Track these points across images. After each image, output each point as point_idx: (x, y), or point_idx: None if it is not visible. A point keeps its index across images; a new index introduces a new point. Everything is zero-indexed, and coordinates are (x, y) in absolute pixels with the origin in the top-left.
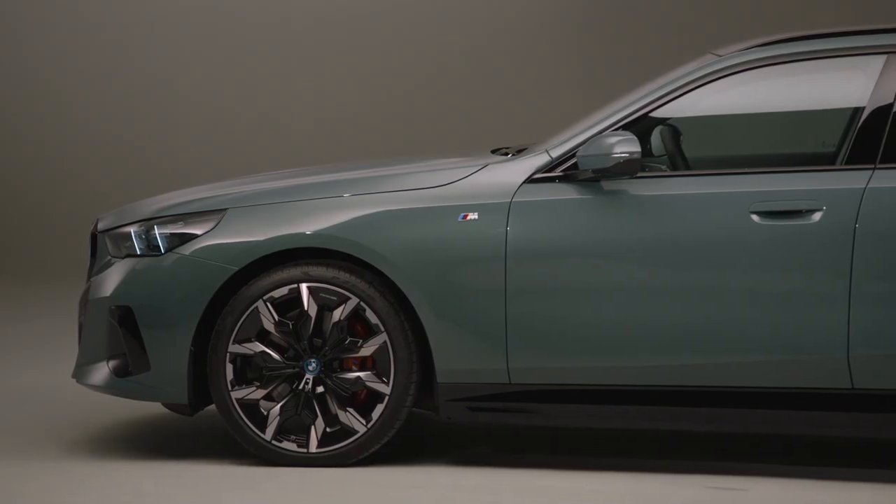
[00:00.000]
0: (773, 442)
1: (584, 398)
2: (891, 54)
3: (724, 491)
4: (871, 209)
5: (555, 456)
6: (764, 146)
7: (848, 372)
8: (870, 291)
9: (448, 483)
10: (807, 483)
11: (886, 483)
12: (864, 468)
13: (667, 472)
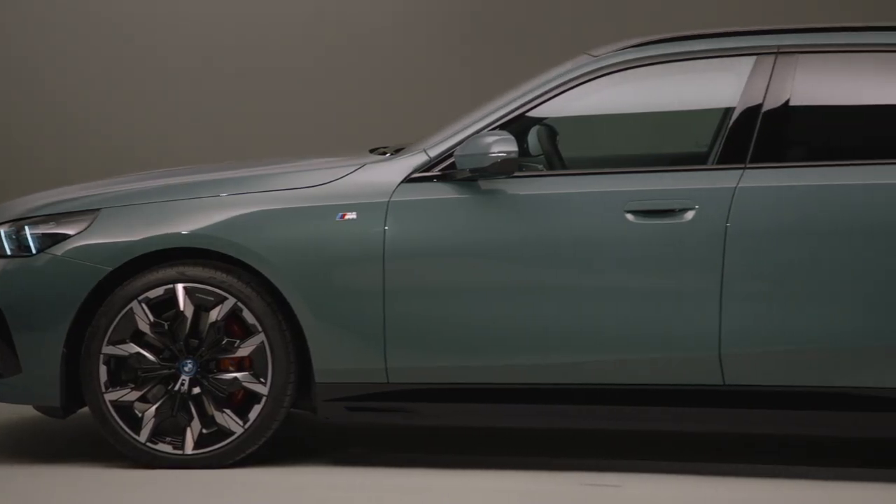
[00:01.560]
0: (647, 439)
1: (462, 397)
2: (760, 55)
3: (599, 487)
4: (741, 208)
5: (433, 455)
6: (639, 146)
7: (720, 369)
8: (741, 289)
9: (326, 483)
10: (678, 479)
11: (754, 477)
12: (735, 463)
13: (543, 469)
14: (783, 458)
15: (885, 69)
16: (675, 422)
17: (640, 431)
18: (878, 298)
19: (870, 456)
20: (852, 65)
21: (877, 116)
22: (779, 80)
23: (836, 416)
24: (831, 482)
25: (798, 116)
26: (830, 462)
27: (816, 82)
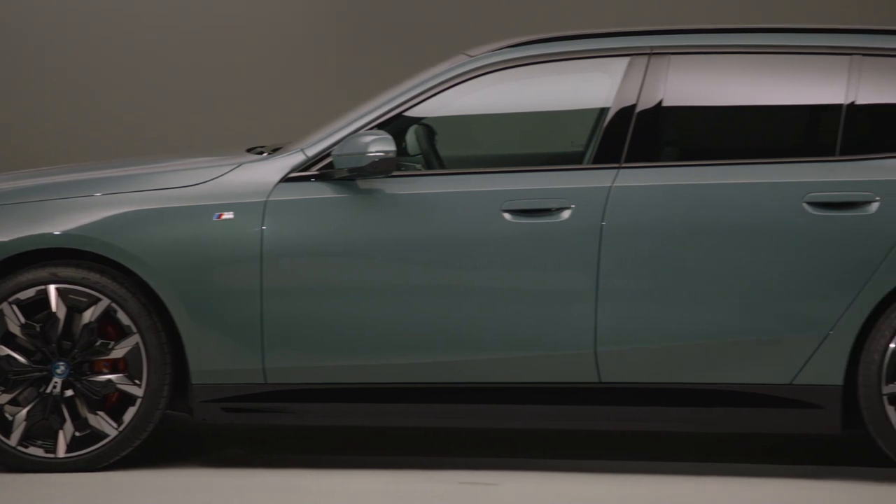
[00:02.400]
0: (523, 437)
1: (340, 397)
2: (633, 56)
3: (475, 486)
4: (616, 207)
5: (311, 455)
6: (516, 145)
7: (595, 366)
8: (616, 288)
9: (202, 485)
10: (554, 476)
11: (633, 474)
12: (610, 460)
13: (419, 468)
14: (658, 453)
15: (756, 70)
16: (551, 419)
17: (516, 429)
18: (749, 295)
19: (745, 450)
20: (724, 66)
21: (748, 117)
22: (652, 81)
23: (711, 411)
24: (712, 477)
25: (671, 117)
26: (708, 458)
27: (689, 83)
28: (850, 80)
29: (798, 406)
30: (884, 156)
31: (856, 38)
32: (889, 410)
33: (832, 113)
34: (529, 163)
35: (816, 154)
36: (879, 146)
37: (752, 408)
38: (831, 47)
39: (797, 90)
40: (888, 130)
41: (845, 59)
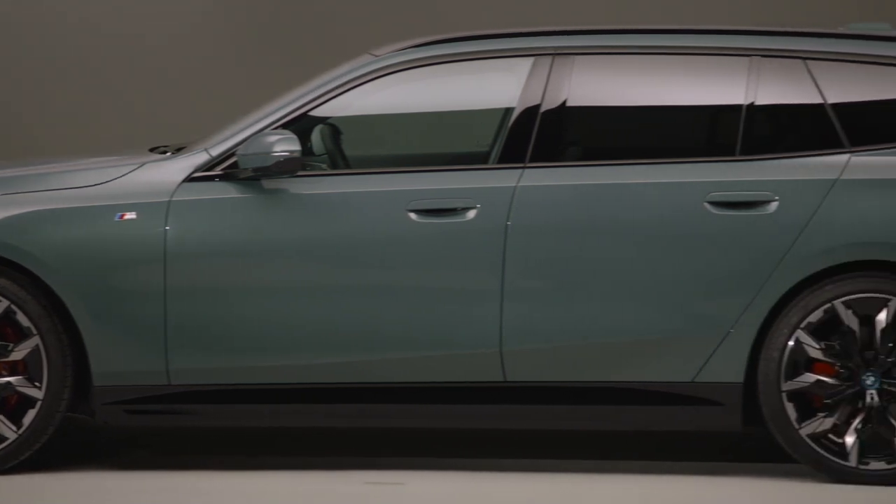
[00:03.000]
0: (430, 436)
1: (245, 398)
2: (538, 56)
3: (382, 486)
4: (521, 207)
5: (216, 457)
6: (421, 145)
7: (501, 365)
8: (521, 287)
9: (104, 488)
10: (460, 475)
11: (536, 472)
12: (514, 458)
13: (325, 468)
14: (562, 452)
15: (659, 71)
16: (457, 419)
17: (423, 429)
18: (651, 294)
19: (650, 448)
20: (627, 66)
21: (651, 117)
22: (556, 81)
23: (614, 410)
24: (612, 475)
25: (575, 117)
26: (617, 456)
27: (593, 83)
28: (749, 81)
29: (699, 403)
30: (783, 156)
31: (755, 40)
32: (788, 407)
33: (732, 113)
34: (435, 163)
35: (717, 154)
36: (778, 146)
37: (654, 406)
38: (731, 48)
39: (699, 91)
40: (787, 130)
41: (745, 60)
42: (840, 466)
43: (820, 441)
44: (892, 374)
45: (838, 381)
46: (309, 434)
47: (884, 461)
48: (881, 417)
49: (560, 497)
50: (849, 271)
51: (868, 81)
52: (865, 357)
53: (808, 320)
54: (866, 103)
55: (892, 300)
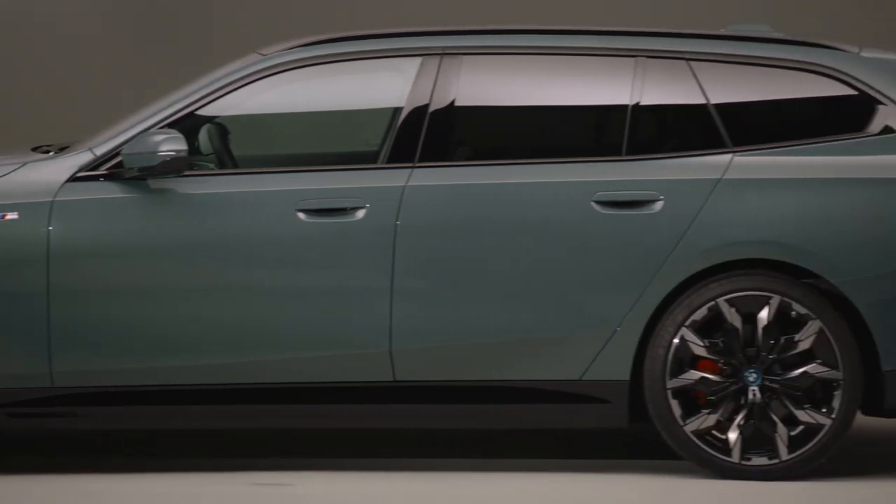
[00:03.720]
0: (318, 436)
1: (131, 400)
2: (425, 56)
3: (270, 487)
4: (410, 206)
5: (102, 459)
6: (310, 145)
7: (390, 365)
8: (410, 287)
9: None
10: (349, 475)
11: (426, 471)
12: (405, 458)
13: (213, 470)
14: (453, 451)
15: (547, 71)
16: (346, 419)
17: (311, 429)
18: (540, 293)
19: (538, 446)
20: (516, 66)
21: (539, 117)
22: (444, 81)
23: (503, 408)
24: (502, 473)
25: (464, 116)
26: (505, 454)
27: (481, 83)
28: (634, 82)
29: (587, 401)
30: (668, 155)
31: (640, 41)
32: (673, 404)
33: (618, 114)
34: (324, 162)
35: (604, 154)
36: (664, 146)
37: (542, 404)
38: (617, 49)
39: (585, 91)
40: (672, 131)
41: (630, 60)
42: (723, 462)
43: (704, 437)
44: (774, 371)
45: (722, 378)
46: (195, 435)
47: (765, 457)
48: (763, 414)
49: (448, 496)
50: (732, 270)
51: (749, 82)
52: (748, 354)
53: (692, 318)
54: (748, 104)
55: (773, 298)
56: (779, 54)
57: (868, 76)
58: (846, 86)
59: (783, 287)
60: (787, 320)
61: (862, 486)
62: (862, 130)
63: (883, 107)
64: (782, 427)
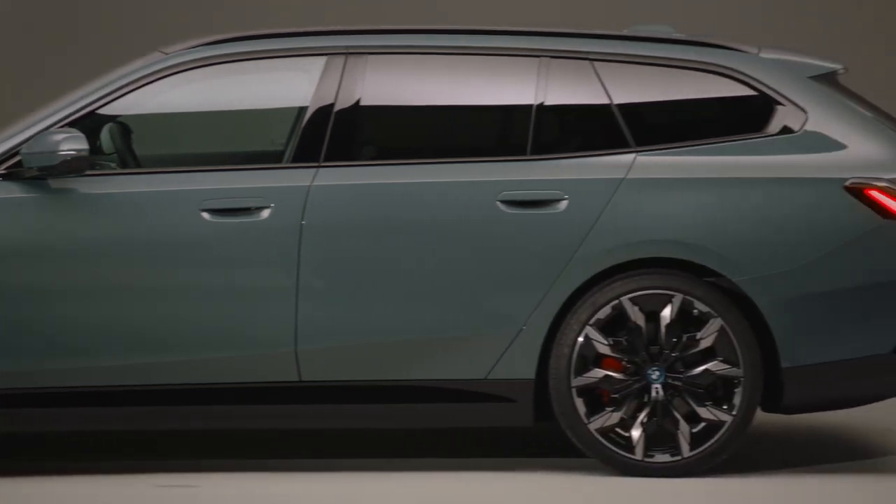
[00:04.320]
0: (224, 437)
1: (30, 402)
2: (330, 56)
3: (174, 488)
4: (316, 206)
5: (5, 462)
6: (215, 144)
7: (296, 365)
8: (316, 287)
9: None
10: (254, 476)
11: (332, 472)
12: (311, 459)
13: (114, 472)
14: (359, 451)
15: (453, 71)
16: (252, 419)
17: (217, 430)
18: (446, 292)
19: (443, 445)
20: (421, 66)
21: (445, 117)
22: (349, 81)
23: (410, 408)
24: (411, 473)
25: (369, 116)
26: (412, 454)
27: (386, 83)
28: (539, 82)
29: (493, 400)
30: (572, 155)
31: (544, 41)
32: (578, 403)
33: (523, 114)
34: (228, 162)
35: (509, 154)
36: (568, 146)
37: (448, 403)
38: (522, 49)
39: (491, 91)
40: (576, 130)
41: (535, 61)
42: (626, 460)
43: (608, 435)
44: (676, 369)
45: (625, 377)
46: (96, 437)
47: (668, 454)
48: (665, 411)
49: (353, 495)
50: (636, 268)
51: (652, 82)
52: (651, 352)
53: (596, 317)
54: (651, 104)
55: (675, 296)
56: (680, 55)
57: (767, 77)
58: (746, 86)
59: (685, 286)
60: (689, 318)
61: (760, 482)
62: (761, 130)
63: (781, 107)
64: (684, 424)
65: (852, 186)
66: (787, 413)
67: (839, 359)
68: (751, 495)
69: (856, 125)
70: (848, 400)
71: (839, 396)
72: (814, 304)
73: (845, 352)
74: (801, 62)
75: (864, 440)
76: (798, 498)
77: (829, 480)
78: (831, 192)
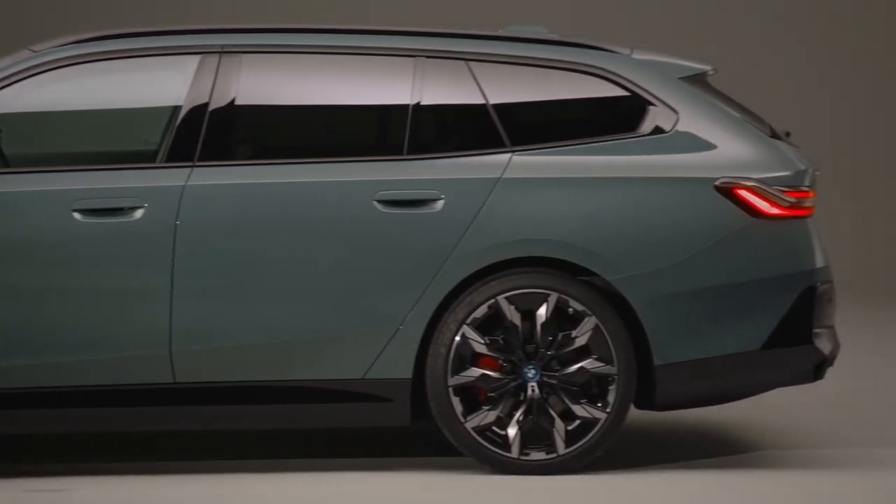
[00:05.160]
0: (96, 440)
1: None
2: (204, 54)
3: (45, 493)
4: (190, 206)
5: None
6: (87, 143)
7: (170, 367)
8: (190, 287)
9: None
10: (128, 479)
11: (216, 473)
12: (190, 461)
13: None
14: (234, 453)
15: (329, 71)
16: (126, 422)
17: (90, 433)
18: (323, 292)
19: (323, 445)
20: (298, 65)
21: (322, 116)
22: (224, 80)
23: (289, 408)
24: (289, 473)
25: (244, 115)
26: (291, 454)
27: (262, 82)
28: (415, 82)
29: (370, 400)
30: (448, 155)
31: (420, 41)
32: (455, 401)
33: (400, 113)
34: (101, 161)
35: (386, 153)
36: (444, 146)
37: (326, 403)
38: (397, 49)
39: (367, 91)
40: (452, 130)
41: (411, 61)
42: (502, 458)
43: (484, 434)
44: (552, 368)
45: (502, 375)
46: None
47: (543, 451)
48: (541, 409)
49: (230, 498)
50: (513, 267)
51: (527, 83)
52: (527, 351)
53: (473, 316)
54: (526, 104)
55: (551, 295)
56: (555, 56)
57: (639, 77)
58: (619, 87)
59: (560, 284)
60: (564, 317)
61: (634, 479)
62: (634, 131)
63: (653, 107)
64: (559, 422)
65: (722, 186)
66: (661, 410)
67: (711, 356)
68: (624, 491)
69: (725, 125)
70: (720, 396)
71: (711, 393)
72: (686, 301)
73: (716, 349)
74: (672, 63)
75: (736, 436)
76: (670, 493)
77: (700, 476)
78: (702, 191)
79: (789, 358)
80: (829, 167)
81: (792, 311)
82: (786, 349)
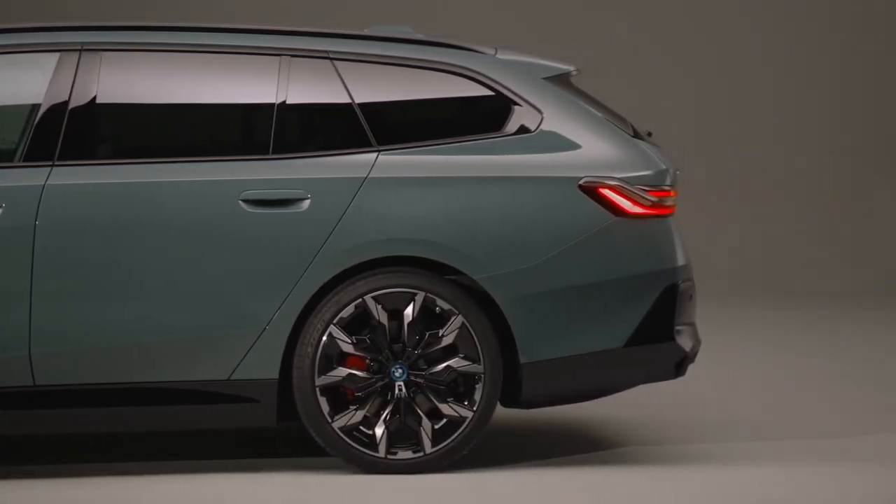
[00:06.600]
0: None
1: None
2: (63, 52)
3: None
4: (50, 206)
5: None
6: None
7: (30, 369)
8: (51, 288)
9: None
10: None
11: (81, 477)
12: (59, 465)
13: None
14: (110, 455)
15: (194, 69)
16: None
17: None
18: (187, 293)
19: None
20: (161, 64)
21: (186, 115)
22: (84, 78)
23: (155, 410)
24: (158, 476)
25: (106, 114)
26: (160, 456)
27: (124, 80)
28: (280, 81)
29: (236, 401)
30: (315, 154)
31: (285, 40)
32: (322, 402)
33: (265, 112)
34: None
35: (251, 153)
36: (311, 145)
37: (192, 405)
38: (263, 48)
39: (232, 90)
40: (318, 129)
41: (276, 59)
42: (370, 457)
43: (351, 433)
44: (419, 366)
45: (369, 375)
46: None
47: (410, 450)
48: (408, 408)
49: (104, 500)
50: (379, 267)
51: (393, 82)
52: (394, 350)
53: (340, 315)
54: (392, 103)
55: (418, 294)
56: (420, 55)
57: (503, 77)
58: (483, 87)
59: (427, 283)
60: (431, 316)
61: (499, 476)
62: (500, 130)
63: (518, 107)
64: (426, 421)
65: (586, 185)
66: (527, 408)
67: (575, 353)
68: (489, 489)
69: (589, 125)
70: (584, 393)
71: (575, 390)
72: (550, 300)
73: (580, 346)
74: (536, 63)
75: (600, 432)
76: (536, 491)
77: (566, 473)
78: (566, 190)
79: (652, 355)
80: (692, 167)
81: (654, 309)
82: (648, 346)
